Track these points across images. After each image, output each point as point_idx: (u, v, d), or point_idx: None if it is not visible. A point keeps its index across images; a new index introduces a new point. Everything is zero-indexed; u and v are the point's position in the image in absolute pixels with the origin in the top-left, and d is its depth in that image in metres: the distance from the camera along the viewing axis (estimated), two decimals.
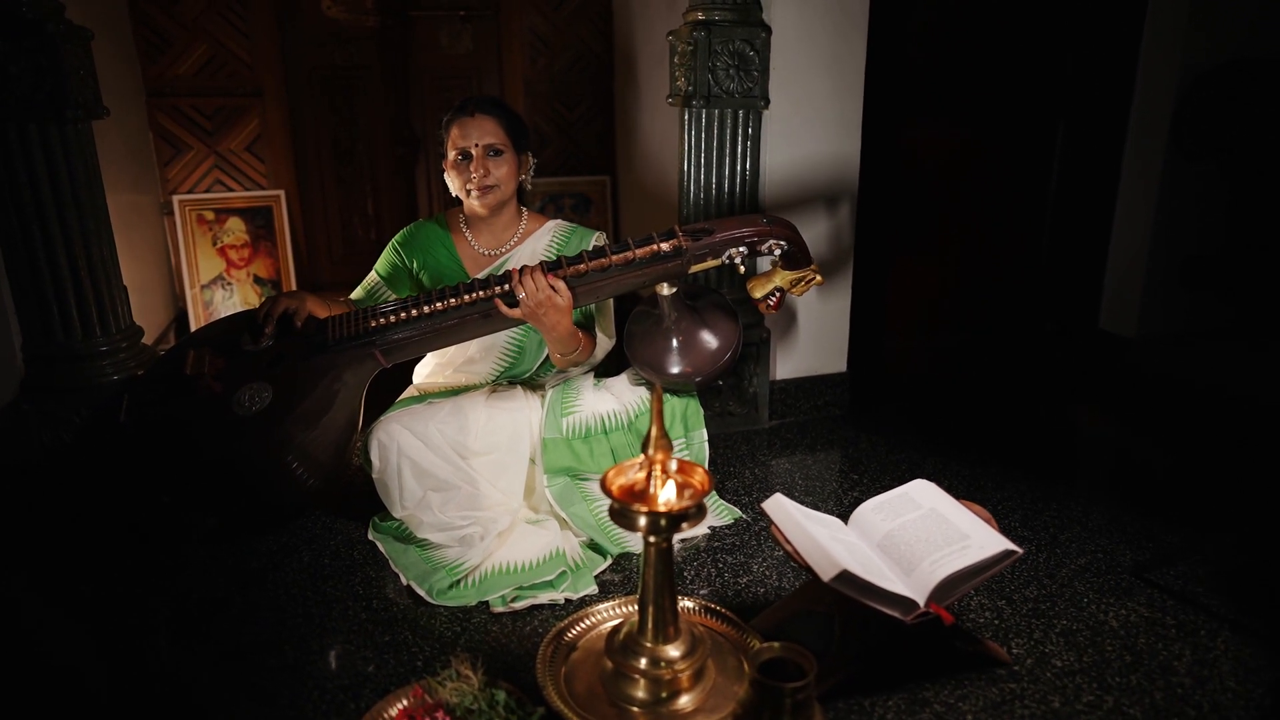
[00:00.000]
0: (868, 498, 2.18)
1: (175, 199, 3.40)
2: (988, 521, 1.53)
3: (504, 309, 1.87)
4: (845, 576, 1.36)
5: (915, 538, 1.51)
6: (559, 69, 3.85)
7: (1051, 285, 3.18)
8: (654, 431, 1.33)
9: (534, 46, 3.80)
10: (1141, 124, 2.91)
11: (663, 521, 1.31)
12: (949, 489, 2.20)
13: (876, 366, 2.97)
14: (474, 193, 2.02)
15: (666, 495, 1.33)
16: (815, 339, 2.66)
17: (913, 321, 3.11)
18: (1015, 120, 3.00)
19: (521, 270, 1.86)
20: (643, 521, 1.31)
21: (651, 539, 1.35)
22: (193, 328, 3.46)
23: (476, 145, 1.99)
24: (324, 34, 3.62)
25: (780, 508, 1.56)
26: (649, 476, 1.36)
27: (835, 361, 2.71)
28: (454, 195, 2.08)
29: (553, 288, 1.85)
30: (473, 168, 2.00)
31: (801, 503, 2.14)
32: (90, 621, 1.69)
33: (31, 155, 1.92)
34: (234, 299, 3.55)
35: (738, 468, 2.36)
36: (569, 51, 3.83)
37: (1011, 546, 1.42)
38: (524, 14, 3.75)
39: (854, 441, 2.53)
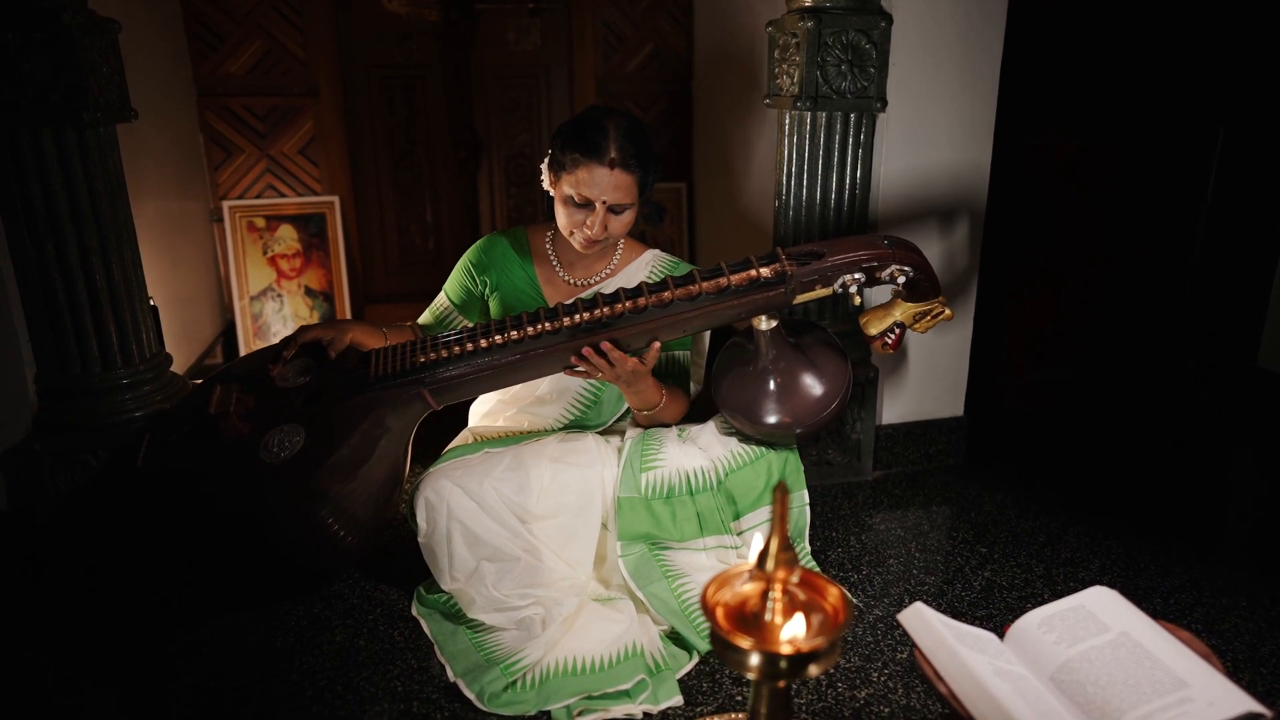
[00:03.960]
0: (1001, 579, 1.85)
1: (225, 205, 3.20)
2: (1205, 658, 1.16)
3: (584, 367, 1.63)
4: None
5: (1108, 677, 1.15)
6: (634, 67, 3.54)
7: (1200, 316, 2.75)
8: (774, 544, 1.00)
9: (608, 42, 3.50)
10: None
11: (783, 664, 0.98)
12: (1101, 572, 1.85)
13: (995, 409, 2.59)
14: (580, 240, 1.72)
15: (792, 630, 1.00)
16: (928, 378, 2.30)
17: (1036, 357, 2.71)
18: (1165, 126, 2.58)
19: (596, 347, 1.59)
20: (755, 661, 0.99)
21: (767, 682, 1.03)
22: (241, 343, 3.26)
23: (603, 201, 1.66)
24: (383, 30, 3.39)
25: (924, 624, 1.22)
26: (764, 595, 1.04)
27: (951, 404, 2.34)
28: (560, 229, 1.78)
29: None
30: (589, 222, 1.68)
31: (922, 585, 1.80)
32: (89, 713, 1.44)
33: (45, 163, 1.69)
34: (285, 311, 3.34)
35: (841, 533, 2.02)
36: (646, 47, 3.52)
37: (1258, 707, 1.05)
38: (597, 7, 3.45)
39: (975, 501, 2.16)
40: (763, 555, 1.01)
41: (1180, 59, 2.52)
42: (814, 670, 0.99)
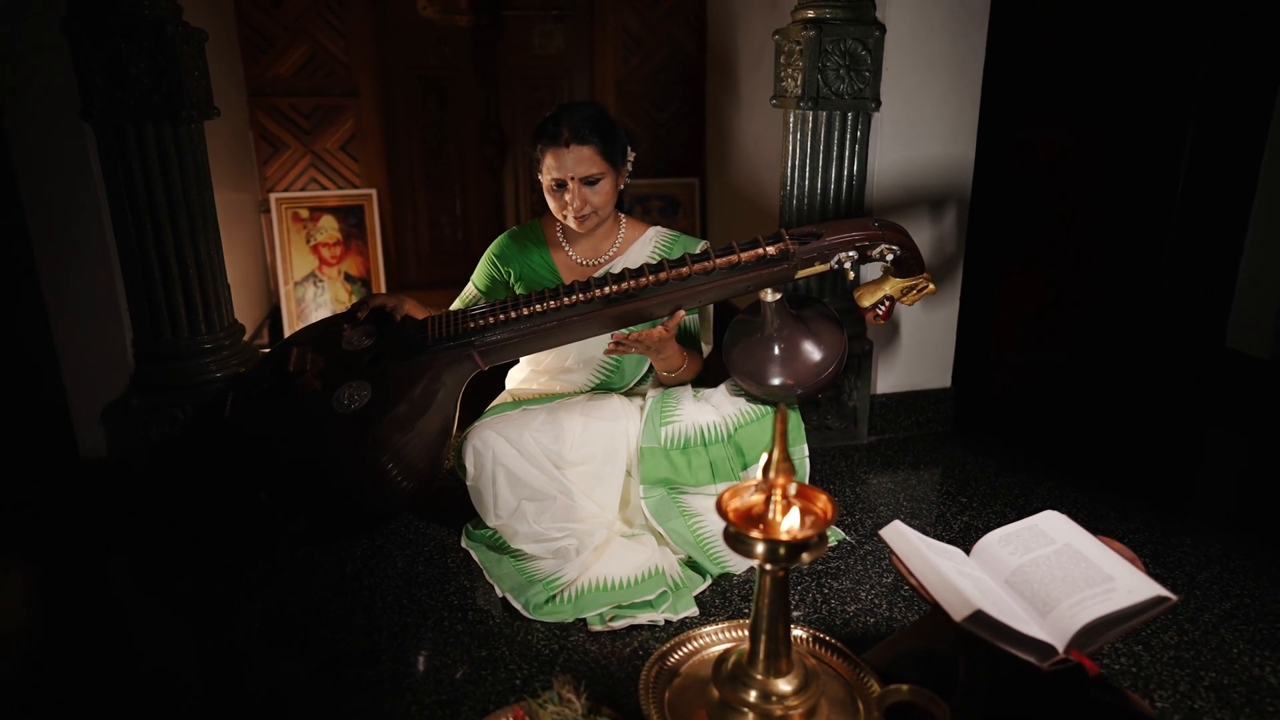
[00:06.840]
0: (978, 522, 2.09)
1: (273, 197, 3.46)
2: (1131, 562, 1.40)
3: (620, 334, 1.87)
4: (979, 617, 1.25)
5: (1050, 576, 1.39)
6: (651, 69, 3.79)
7: (1173, 299, 2.97)
8: (775, 454, 1.25)
9: (626, 46, 3.75)
10: None
11: (782, 550, 1.23)
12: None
13: (982, 382, 2.82)
14: (571, 219, 1.97)
15: (790, 523, 1.25)
16: (919, 352, 2.54)
17: (1022, 335, 2.94)
18: (1140, 119, 2.80)
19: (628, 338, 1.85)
20: (760, 549, 1.24)
21: (768, 567, 1.28)
22: (285, 324, 3.52)
23: (572, 178, 1.91)
24: (417, 34, 3.65)
25: (901, 537, 1.46)
26: (768, 500, 1.29)
27: (939, 376, 2.58)
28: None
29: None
30: (569, 198, 1.93)
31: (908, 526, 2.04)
32: (187, 624, 1.70)
33: (147, 154, 1.95)
34: (325, 296, 3.60)
35: (837, 485, 2.26)
36: (662, 51, 3.77)
37: (1164, 592, 1.29)
38: (617, 13, 3.70)
39: (960, 461, 2.40)
40: (765, 466, 1.26)
41: (1154, 56, 2.74)
42: (806, 558, 1.25)
